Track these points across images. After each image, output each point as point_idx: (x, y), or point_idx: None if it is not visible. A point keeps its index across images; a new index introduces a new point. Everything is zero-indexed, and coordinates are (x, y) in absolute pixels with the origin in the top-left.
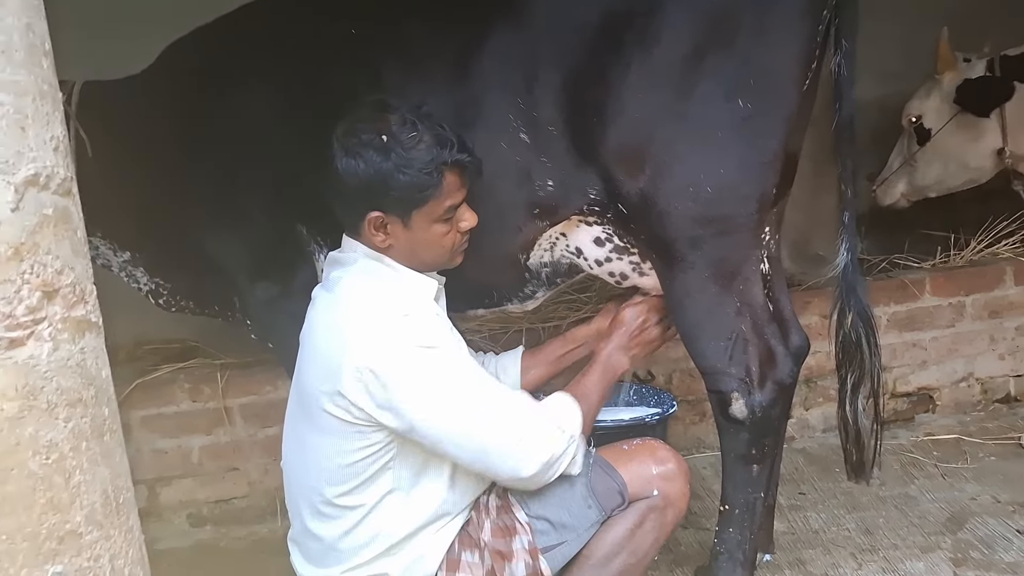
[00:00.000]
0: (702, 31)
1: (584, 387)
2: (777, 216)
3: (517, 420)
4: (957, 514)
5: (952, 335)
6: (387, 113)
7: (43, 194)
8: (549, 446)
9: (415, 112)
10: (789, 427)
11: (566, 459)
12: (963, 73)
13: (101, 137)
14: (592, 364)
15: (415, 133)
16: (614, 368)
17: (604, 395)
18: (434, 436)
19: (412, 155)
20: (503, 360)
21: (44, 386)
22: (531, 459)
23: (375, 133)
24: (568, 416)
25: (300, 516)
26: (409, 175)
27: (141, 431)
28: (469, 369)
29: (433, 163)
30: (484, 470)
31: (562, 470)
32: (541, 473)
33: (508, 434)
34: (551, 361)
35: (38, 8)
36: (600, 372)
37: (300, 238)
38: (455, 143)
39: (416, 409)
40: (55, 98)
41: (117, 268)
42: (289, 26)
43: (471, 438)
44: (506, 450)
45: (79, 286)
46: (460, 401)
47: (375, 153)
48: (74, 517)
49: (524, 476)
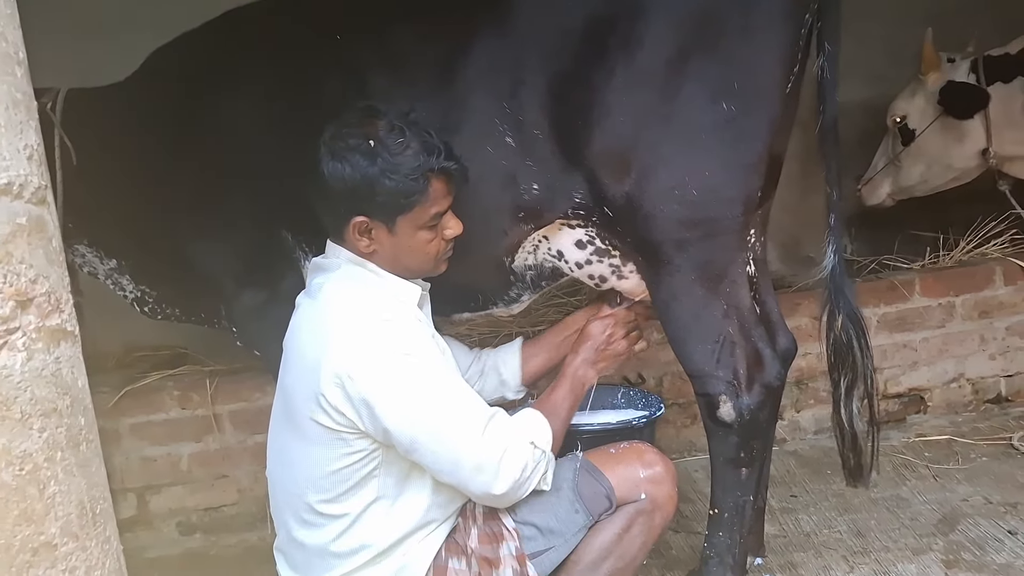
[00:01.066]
0: (685, 34)
1: (552, 403)
2: (763, 218)
3: (490, 435)
4: (949, 515)
5: (942, 336)
6: (375, 118)
7: (16, 203)
8: (521, 463)
9: (403, 118)
10: (780, 429)
11: (536, 475)
12: (947, 74)
13: (86, 144)
14: (560, 379)
15: (402, 139)
16: (581, 382)
17: (573, 409)
18: (407, 444)
19: (399, 160)
20: (502, 353)
21: (18, 396)
22: (503, 476)
23: (362, 138)
24: (539, 432)
25: (285, 525)
26: (395, 180)
27: (130, 438)
28: (445, 380)
29: (419, 169)
30: (456, 484)
31: (533, 487)
32: (513, 491)
33: (481, 449)
34: (551, 347)
35: (11, 17)
36: (568, 387)
37: (285, 245)
38: (442, 150)
39: (390, 415)
40: (29, 106)
41: (103, 276)
42: (274, 32)
43: (443, 450)
44: (478, 464)
45: (54, 295)
46: (433, 411)
47: (362, 157)
48: (49, 528)
49: (496, 493)
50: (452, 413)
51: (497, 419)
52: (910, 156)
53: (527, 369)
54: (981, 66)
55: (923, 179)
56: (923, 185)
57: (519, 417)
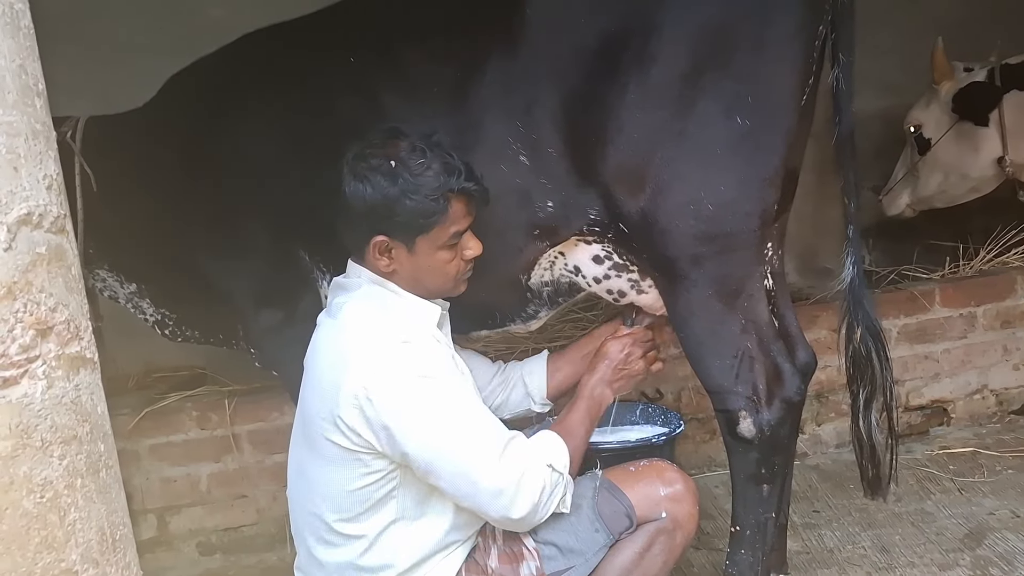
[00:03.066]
0: (699, 50)
1: (569, 424)
2: (779, 231)
3: (508, 459)
4: (975, 530)
5: (964, 346)
6: (397, 140)
7: (36, 232)
8: (539, 486)
9: (425, 140)
10: (801, 443)
11: (555, 498)
12: (962, 83)
13: (106, 170)
14: (576, 400)
15: (423, 160)
16: (598, 402)
17: (590, 430)
18: (424, 467)
19: (419, 181)
20: (528, 364)
21: (38, 424)
22: (522, 500)
23: (384, 158)
24: (557, 455)
25: (305, 544)
26: (415, 201)
27: (150, 459)
28: (464, 403)
29: (440, 190)
30: (474, 508)
31: (552, 510)
32: (531, 515)
33: (499, 473)
34: (578, 360)
35: (31, 49)
36: (585, 408)
37: (303, 265)
38: (463, 171)
39: (408, 438)
40: (48, 137)
41: (124, 300)
42: (289, 55)
43: (461, 473)
44: (497, 489)
45: (73, 323)
46: (451, 435)
47: (383, 178)
48: (69, 555)
49: (514, 517)
50: (470, 437)
51: (515, 443)
52: (927, 166)
53: (553, 382)
54: (998, 74)
55: (941, 189)
56: (942, 195)
57: (536, 440)
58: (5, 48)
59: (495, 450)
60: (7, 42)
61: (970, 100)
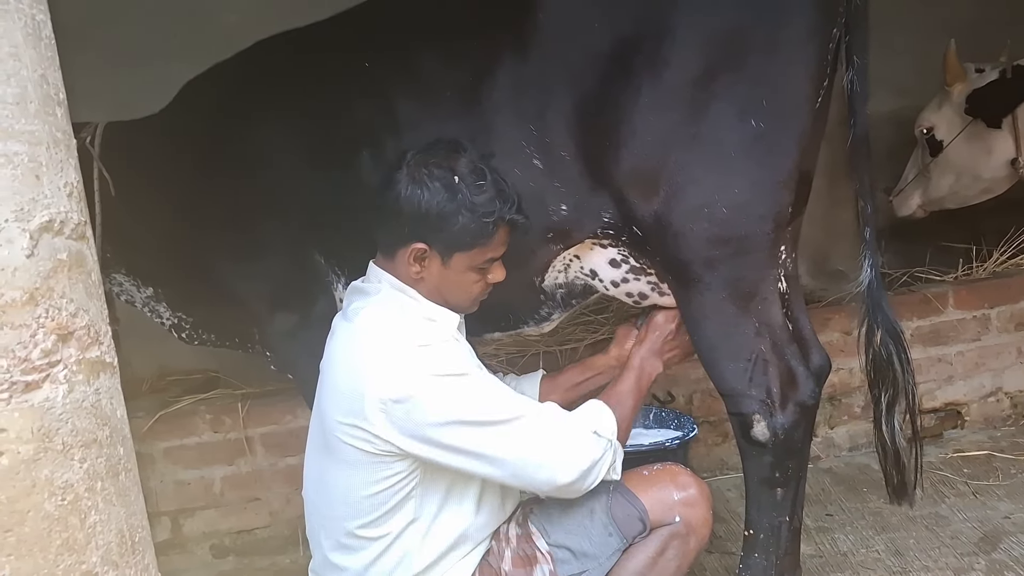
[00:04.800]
0: (711, 53)
1: (619, 394)
2: (793, 234)
3: (551, 429)
4: (990, 533)
5: (978, 349)
6: (459, 154)
7: (57, 239)
8: (587, 452)
9: (485, 161)
10: (814, 446)
11: (605, 464)
12: (973, 84)
13: (124, 176)
14: (626, 370)
15: (483, 182)
16: (648, 373)
17: (639, 401)
18: (467, 458)
19: (476, 201)
20: (522, 384)
21: (59, 428)
22: (569, 466)
23: (448, 170)
24: (604, 421)
25: (321, 547)
26: (468, 219)
27: (164, 462)
28: (490, 388)
29: (493, 214)
30: (521, 483)
31: (602, 476)
32: (580, 480)
33: (543, 444)
34: (568, 388)
35: (52, 59)
36: (635, 378)
37: (318, 268)
38: (516, 202)
39: (447, 434)
40: (69, 145)
41: (140, 304)
42: (304, 60)
43: (506, 454)
44: (542, 460)
45: (93, 327)
46: (491, 420)
47: (443, 189)
48: (90, 557)
49: (562, 483)
50: (511, 417)
51: (549, 411)
52: (939, 167)
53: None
54: (1010, 75)
55: (953, 190)
56: (954, 196)
57: (582, 408)
58: (27, 59)
59: (536, 423)
60: (29, 52)
61: (986, 101)
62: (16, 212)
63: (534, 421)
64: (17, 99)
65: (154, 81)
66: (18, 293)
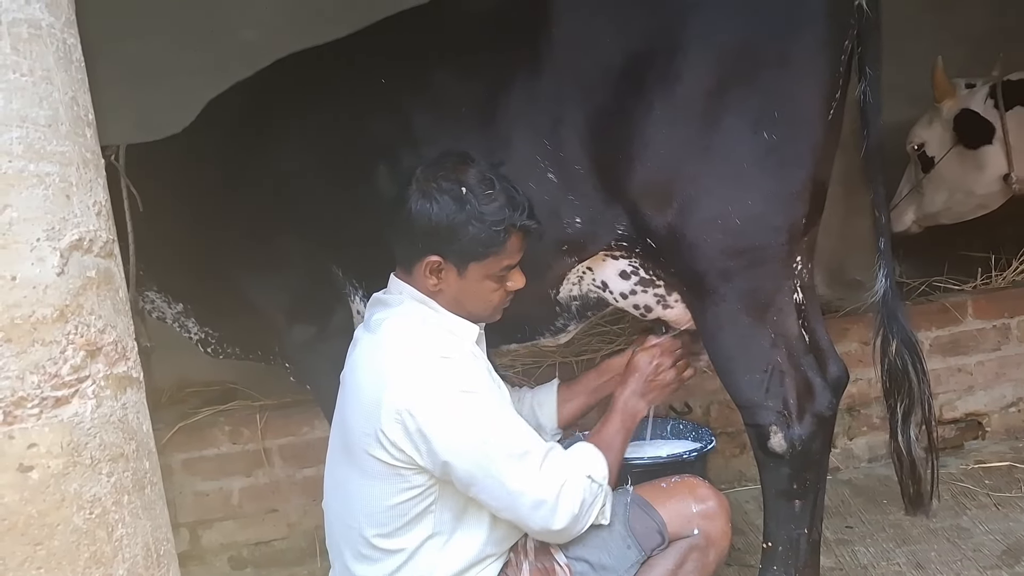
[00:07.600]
0: (724, 66)
1: (606, 436)
2: (808, 245)
3: (547, 470)
4: (1013, 546)
5: (998, 359)
6: (468, 165)
7: (87, 257)
8: (579, 497)
9: (494, 170)
10: (833, 457)
11: (595, 509)
12: (963, 101)
13: (152, 194)
14: (610, 412)
15: (492, 191)
16: (632, 414)
17: (626, 442)
18: (466, 480)
19: (486, 210)
20: (539, 395)
21: (88, 442)
22: (562, 511)
23: (455, 183)
24: (596, 466)
25: (341, 557)
26: (478, 229)
27: (183, 474)
28: (502, 416)
29: (503, 223)
30: (515, 520)
31: (592, 520)
32: (572, 525)
33: (539, 484)
34: (587, 392)
35: (82, 82)
36: (619, 420)
37: (336, 281)
38: (527, 208)
39: (450, 451)
40: (97, 165)
41: (171, 319)
42: (322, 77)
43: (501, 486)
44: (537, 500)
45: (121, 343)
46: (491, 447)
47: (452, 201)
48: (117, 571)
49: (555, 528)
50: (511, 449)
51: (554, 454)
52: (932, 184)
53: (563, 413)
54: (1000, 91)
55: (947, 206)
56: (948, 212)
57: (574, 452)
58: (59, 81)
59: (535, 462)
60: (61, 75)
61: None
62: (47, 231)
63: (536, 459)
64: (49, 121)
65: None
66: (49, 310)
